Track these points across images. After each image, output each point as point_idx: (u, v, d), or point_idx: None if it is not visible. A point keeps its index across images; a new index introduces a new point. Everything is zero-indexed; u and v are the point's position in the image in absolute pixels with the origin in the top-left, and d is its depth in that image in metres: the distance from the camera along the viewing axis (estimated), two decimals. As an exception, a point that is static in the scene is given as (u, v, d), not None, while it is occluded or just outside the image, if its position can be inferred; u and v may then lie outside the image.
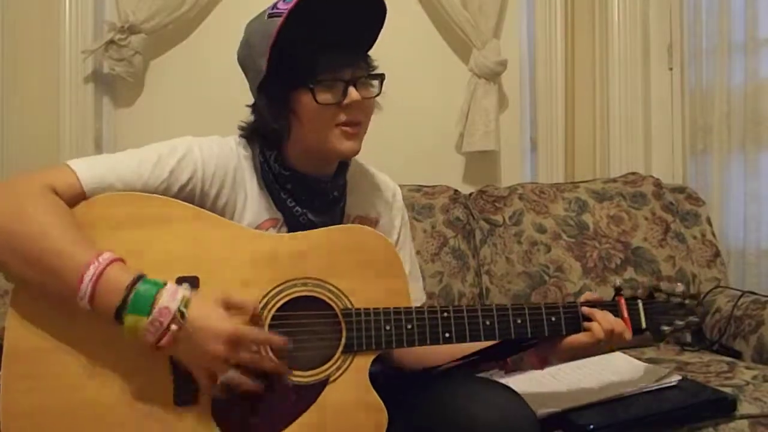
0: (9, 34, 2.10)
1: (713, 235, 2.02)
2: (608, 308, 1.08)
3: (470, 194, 2.06)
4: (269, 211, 1.08)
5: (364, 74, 1.05)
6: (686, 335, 1.15)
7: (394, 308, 0.98)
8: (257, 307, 0.94)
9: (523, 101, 2.40)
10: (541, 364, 1.10)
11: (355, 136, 1.05)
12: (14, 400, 0.89)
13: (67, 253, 0.87)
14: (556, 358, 1.08)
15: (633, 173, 2.10)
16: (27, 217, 0.88)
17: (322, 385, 0.95)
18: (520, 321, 1.02)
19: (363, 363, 0.97)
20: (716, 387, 1.29)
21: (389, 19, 1.07)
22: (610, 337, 1.04)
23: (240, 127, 1.12)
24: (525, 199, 1.98)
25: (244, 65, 1.09)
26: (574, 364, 1.32)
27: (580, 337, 1.05)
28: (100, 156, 1.02)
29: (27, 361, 0.90)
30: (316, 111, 1.02)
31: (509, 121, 2.35)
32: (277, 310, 0.96)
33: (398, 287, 1.01)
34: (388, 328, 0.97)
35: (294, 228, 1.06)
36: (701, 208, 2.05)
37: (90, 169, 0.96)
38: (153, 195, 0.98)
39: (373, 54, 1.10)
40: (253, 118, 1.10)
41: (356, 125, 1.05)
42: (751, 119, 2.17)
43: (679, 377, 1.28)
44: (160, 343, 0.85)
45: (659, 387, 1.24)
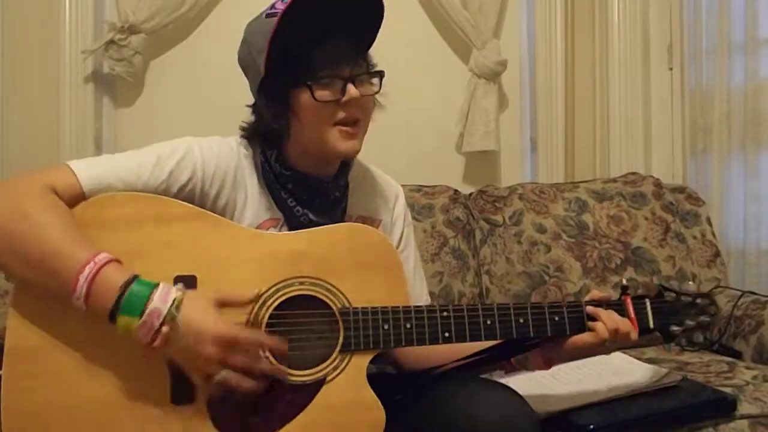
0: (9, 34, 2.10)
1: (713, 235, 2.02)
2: (614, 308, 1.05)
3: (470, 194, 2.06)
4: (270, 211, 1.08)
5: (363, 71, 1.05)
6: (698, 336, 1.11)
7: (393, 307, 0.98)
8: (255, 302, 0.93)
9: (523, 101, 2.40)
10: (546, 364, 1.08)
11: (355, 136, 1.05)
12: (15, 398, 0.89)
13: (65, 254, 0.87)
14: (561, 358, 1.06)
15: (633, 173, 2.10)
16: (27, 216, 0.88)
17: (320, 384, 0.95)
18: (522, 320, 1.01)
19: (361, 362, 0.96)
20: (716, 387, 1.29)
21: (389, 19, 1.07)
22: (615, 337, 1.02)
23: (241, 128, 1.11)
24: (525, 199, 1.98)
25: (245, 66, 1.09)
26: (574, 364, 1.31)
27: (585, 337, 1.03)
28: (100, 157, 1.02)
29: (28, 360, 0.90)
30: (314, 108, 1.02)
31: (509, 121, 2.35)
32: (274, 309, 0.96)
33: (397, 287, 1.00)
34: (386, 327, 0.97)
35: (295, 228, 1.06)
36: (701, 208, 2.04)
37: (90, 169, 0.96)
38: (152, 195, 0.98)
39: (373, 54, 1.10)
40: (253, 118, 1.10)
41: (355, 124, 1.04)
42: (751, 119, 2.17)
43: (679, 377, 1.28)
44: (152, 344, 0.85)
45: (659, 387, 1.24)
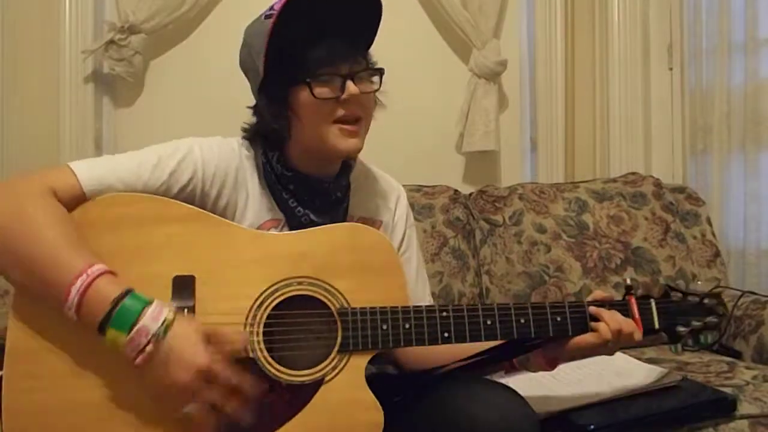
0: (9, 34, 2.10)
1: (713, 235, 2.02)
2: (618, 308, 1.04)
3: (470, 194, 2.06)
4: (271, 212, 1.08)
5: (362, 69, 1.04)
6: (707, 336, 1.09)
7: (391, 307, 0.97)
8: (245, 343, 0.92)
9: (523, 101, 2.40)
10: (549, 365, 1.06)
11: (356, 134, 1.04)
12: (16, 398, 0.89)
13: (59, 262, 0.86)
14: (564, 358, 1.05)
15: (633, 173, 2.10)
16: (27, 217, 0.88)
17: (318, 384, 0.94)
18: (523, 321, 1.00)
19: (359, 363, 0.96)
20: (716, 387, 1.28)
21: (389, 19, 1.06)
22: (618, 337, 1.01)
23: (243, 129, 1.11)
24: (525, 199, 1.98)
25: (245, 67, 1.09)
26: (574, 364, 1.30)
27: (587, 338, 1.02)
28: (101, 158, 1.02)
29: (28, 361, 0.90)
30: (314, 106, 1.01)
31: (509, 121, 2.35)
32: (272, 309, 0.95)
33: (397, 287, 1.00)
34: (385, 327, 0.96)
35: (296, 229, 1.06)
36: (701, 208, 2.04)
37: (90, 170, 0.96)
38: (153, 195, 0.98)
39: (373, 54, 1.09)
40: (255, 120, 1.10)
41: (356, 122, 1.04)
42: (751, 119, 2.17)
43: (679, 377, 1.28)
44: (135, 361, 0.84)
45: (659, 387, 1.24)
